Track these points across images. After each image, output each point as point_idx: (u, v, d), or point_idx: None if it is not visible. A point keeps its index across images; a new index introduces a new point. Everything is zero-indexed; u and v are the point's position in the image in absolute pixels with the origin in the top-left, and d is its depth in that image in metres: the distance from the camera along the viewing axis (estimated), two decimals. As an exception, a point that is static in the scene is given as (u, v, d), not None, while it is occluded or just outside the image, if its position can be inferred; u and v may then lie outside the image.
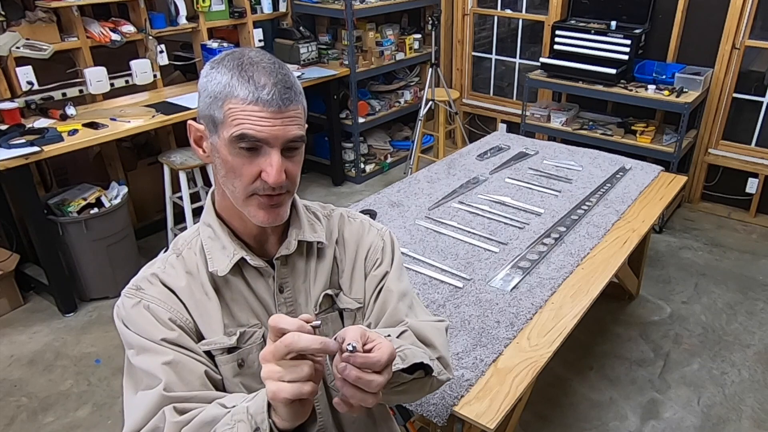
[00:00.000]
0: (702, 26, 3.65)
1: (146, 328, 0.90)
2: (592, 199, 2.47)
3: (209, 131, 0.89)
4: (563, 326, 1.72)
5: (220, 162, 0.88)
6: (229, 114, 0.84)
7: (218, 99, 0.85)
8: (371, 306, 1.07)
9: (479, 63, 4.88)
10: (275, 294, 0.98)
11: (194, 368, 0.88)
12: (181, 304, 0.93)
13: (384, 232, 1.12)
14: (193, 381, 0.87)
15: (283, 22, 4.21)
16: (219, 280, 0.95)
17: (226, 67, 0.85)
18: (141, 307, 0.91)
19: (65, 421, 2.39)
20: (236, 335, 0.95)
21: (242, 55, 0.87)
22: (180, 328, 0.91)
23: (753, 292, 3.15)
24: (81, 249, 2.99)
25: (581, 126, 3.97)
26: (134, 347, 0.90)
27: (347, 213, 1.12)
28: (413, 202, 2.43)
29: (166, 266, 0.97)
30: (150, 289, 0.93)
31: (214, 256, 0.95)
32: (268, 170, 0.85)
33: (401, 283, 1.08)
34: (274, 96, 0.83)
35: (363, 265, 1.07)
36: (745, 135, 3.76)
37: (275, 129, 0.84)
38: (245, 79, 0.84)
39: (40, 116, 3.01)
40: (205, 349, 0.93)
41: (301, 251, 1.01)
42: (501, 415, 1.42)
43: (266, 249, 0.99)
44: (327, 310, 1.04)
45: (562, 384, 2.54)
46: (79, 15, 3.09)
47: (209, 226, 0.97)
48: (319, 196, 4.20)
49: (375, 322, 1.06)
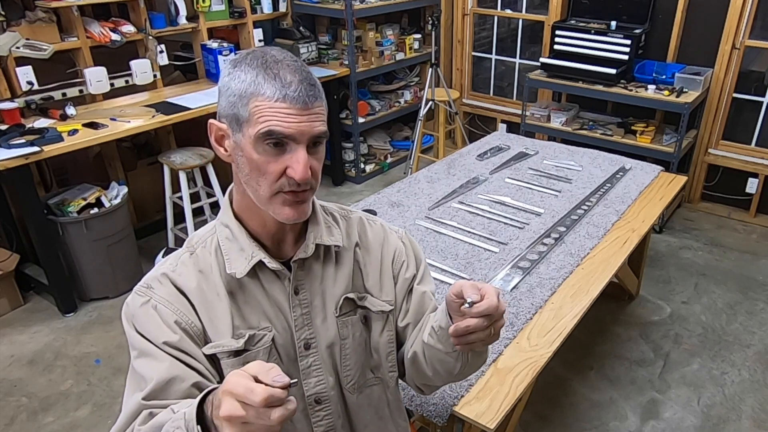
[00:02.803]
0: (702, 26, 3.65)
1: (150, 329, 0.90)
2: (592, 199, 2.47)
3: (232, 130, 0.88)
4: (563, 326, 1.72)
5: (244, 161, 0.88)
6: (255, 111, 0.84)
7: (243, 97, 0.85)
8: (404, 308, 1.10)
9: (479, 63, 4.88)
10: (290, 296, 0.98)
11: (186, 377, 0.88)
12: (189, 305, 0.94)
13: (402, 235, 1.14)
14: (179, 391, 0.86)
15: (283, 22, 4.21)
16: (233, 281, 0.95)
17: (249, 66, 0.85)
18: (149, 306, 0.92)
19: (65, 421, 2.39)
20: (245, 338, 0.95)
21: (265, 54, 0.87)
22: (184, 331, 0.91)
23: (753, 292, 3.15)
24: (81, 249, 2.99)
25: (581, 126, 3.97)
26: (136, 349, 0.91)
27: (366, 216, 1.13)
28: (413, 202, 2.43)
29: (178, 265, 0.97)
30: (160, 289, 0.94)
31: (232, 257, 0.95)
32: (295, 166, 0.86)
33: (431, 284, 1.15)
34: (300, 93, 0.84)
35: (390, 269, 1.09)
36: (745, 135, 3.76)
37: (302, 125, 0.85)
38: (271, 76, 0.84)
39: (40, 116, 3.01)
40: (210, 352, 0.93)
41: (318, 254, 1.01)
42: (501, 415, 1.42)
43: (283, 249, 0.99)
44: (348, 313, 1.04)
45: (562, 384, 2.54)
46: (79, 15, 3.09)
47: (227, 227, 0.97)
48: (319, 197, 4.15)
49: (414, 322, 1.10)
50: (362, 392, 1.09)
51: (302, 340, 1.01)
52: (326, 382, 1.04)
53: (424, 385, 1.13)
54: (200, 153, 3.29)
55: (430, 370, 1.05)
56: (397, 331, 1.11)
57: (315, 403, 1.04)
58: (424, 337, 1.02)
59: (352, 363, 1.06)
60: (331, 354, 1.03)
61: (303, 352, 1.01)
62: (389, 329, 1.08)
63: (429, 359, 1.03)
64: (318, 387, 1.03)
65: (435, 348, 1.00)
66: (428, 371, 1.05)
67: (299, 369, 1.01)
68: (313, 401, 1.03)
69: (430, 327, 1.00)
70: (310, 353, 1.02)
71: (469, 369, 1.03)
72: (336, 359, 1.04)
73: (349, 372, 1.06)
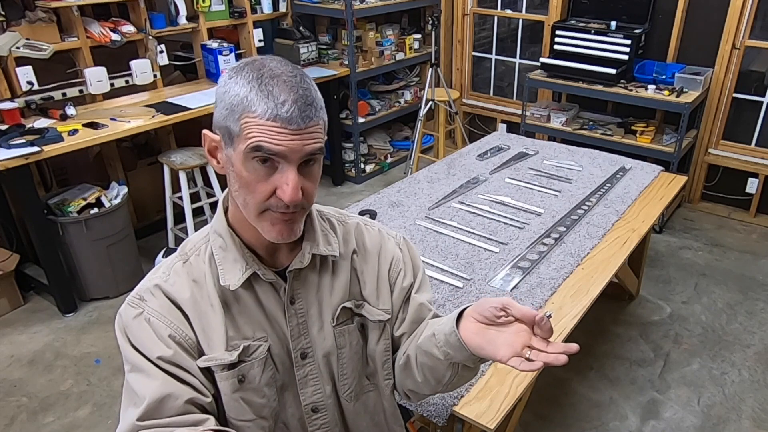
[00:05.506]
0: (702, 26, 3.65)
1: (144, 343, 0.89)
2: (592, 199, 2.47)
3: (224, 142, 0.85)
4: (563, 326, 1.72)
5: (234, 176, 0.85)
6: (246, 128, 0.80)
7: (235, 111, 0.81)
8: (400, 317, 1.08)
9: (479, 63, 4.88)
10: (286, 306, 0.97)
11: (180, 394, 0.87)
12: (183, 317, 0.92)
13: (400, 241, 1.11)
14: (173, 408, 0.86)
15: (283, 22, 4.21)
16: (228, 292, 0.93)
17: (245, 79, 0.81)
18: (142, 319, 0.91)
19: (65, 421, 2.39)
20: (239, 350, 0.93)
21: (263, 66, 0.82)
22: (178, 344, 0.90)
23: (753, 292, 3.15)
24: (81, 249, 2.99)
25: (581, 126, 3.97)
26: (129, 363, 0.90)
27: (363, 222, 1.10)
28: (413, 202, 2.43)
29: (171, 274, 0.94)
30: (152, 301, 0.92)
31: (226, 268, 0.92)
32: (284, 188, 0.82)
33: (428, 292, 1.12)
34: (293, 114, 0.80)
35: (387, 276, 1.07)
36: (745, 135, 3.76)
37: (293, 143, 0.81)
38: (264, 93, 0.80)
39: (40, 116, 3.01)
40: (204, 365, 0.92)
41: (314, 264, 0.99)
42: (501, 415, 1.42)
43: (277, 258, 0.97)
44: (345, 322, 1.03)
45: (562, 384, 2.54)
46: (79, 15, 3.09)
47: (220, 236, 0.94)
48: (319, 196, 4.15)
49: (409, 332, 1.08)
50: (359, 400, 1.08)
51: (299, 350, 0.99)
52: (323, 390, 1.03)
53: (411, 392, 1.11)
54: (200, 153, 3.29)
55: (420, 377, 1.03)
56: (392, 339, 1.10)
57: (312, 412, 1.03)
58: (421, 342, 1.01)
59: (349, 371, 1.05)
60: (327, 363, 1.02)
61: (299, 362, 1.00)
62: (386, 338, 1.07)
63: (420, 365, 1.02)
64: (315, 396, 1.03)
65: (430, 354, 0.98)
66: (418, 377, 1.04)
67: (296, 378, 1.01)
68: (310, 410, 1.03)
69: (430, 333, 0.98)
70: (307, 363, 1.01)
71: (458, 380, 1.01)
72: (333, 368, 1.03)
73: (346, 380, 1.05)
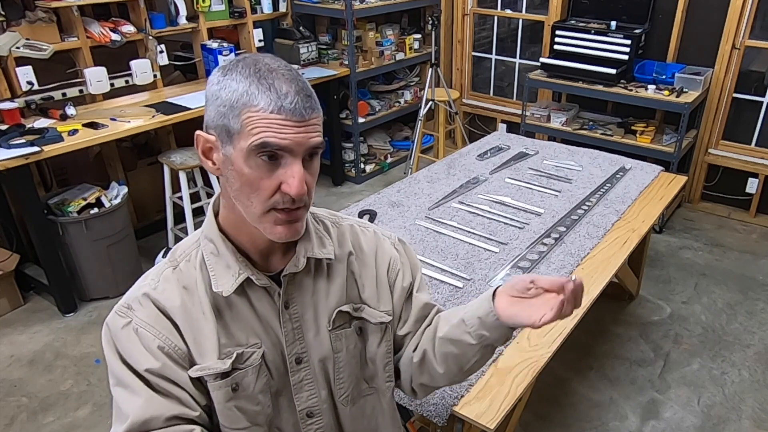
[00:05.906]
0: (702, 26, 3.65)
1: (132, 354, 0.88)
2: (592, 199, 2.47)
3: (222, 142, 0.83)
4: (563, 326, 1.72)
5: (234, 175, 0.83)
6: (248, 123, 0.79)
7: (234, 108, 0.79)
8: (403, 317, 1.09)
9: (479, 63, 4.88)
10: (281, 311, 0.95)
11: (163, 412, 0.85)
12: (172, 327, 0.90)
13: (395, 242, 1.11)
14: (158, 424, 0.85)
15: (283, 22, 4.21)
16: (220, 298, 0.91)
17: (241, 74, 0.80)
18: (130, 329, 0.89)
19: (65, 421, 2.39)
20: (232, 358, 0.91)
21: (257, 61, 0.81)
22: (167, 355, 0.88)
23: (753, 292, 3.15)
24: (81, 249, 2.99)
25: (581, 126, 3.97)
26: (114, 377, 0.89)
27: (358, 223, 1.09)
28: (413, 202, 2.43)
29: (160, 281, 0.92)
30: (140, 312, 0.90)
31: (218, 274, 0.90)
32: (290, 182, 0.81)
33: (427, 288, 1.14)
34: (297, 105, 0.79)
35: (386, 278, 1.06)
36: (745, 135, 3.76)
37: (299, 136, 0.80)
38: (265, 86, 0.79)
39: (40, 116, 3.01)
40: (196, 375, 0.90)
41: (309, 267, 0.98)
42: (501, 415, 1.42)
43: (271, 262, 0.95)
44: (342, 326, 1.01)
45: (562, 384, 2.54)
46: (79, 15, 3.09)
47: (211, 242, 0.92)
48: (319, 197, 4.20)
49: (414, 331, 1.09)
50: (356, 403, 1.07)
51: (293, 355, 0.98)
52: (318, 395, 1.02)
53: (423, 386, 1.11)
54: (200, 153, 3.29)
55: (442, 367, 1.04)
56: (395, 339, 1.09)
57: (307, 417, 1.02)
58: (446, 333, 1.01)
59: (346, 375, 1.03)
60: (323, 368, 1.01)
61: (294, 367, 0.99)
62: (387, 339, 1.06)
63: (443, 355, 1.02)
64: (310, 401, 1.01)
65: (458, 341, 0.99)
66: (439, 369, 1.04)
67: (290, 384, 0.99)
68: (305, 415, 1.01)
69: (458, 321, 0.99)
70: (302, 368, 0.99)
71: (477, 365, 1.03)
72: (329, 372, 1.02)
73: (342, 384, 1.04)
